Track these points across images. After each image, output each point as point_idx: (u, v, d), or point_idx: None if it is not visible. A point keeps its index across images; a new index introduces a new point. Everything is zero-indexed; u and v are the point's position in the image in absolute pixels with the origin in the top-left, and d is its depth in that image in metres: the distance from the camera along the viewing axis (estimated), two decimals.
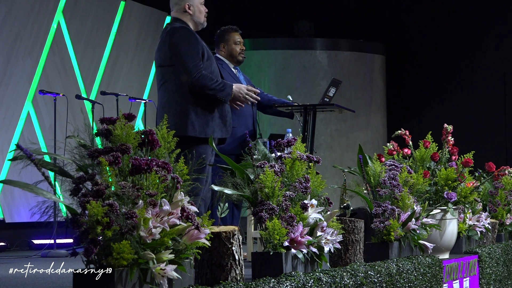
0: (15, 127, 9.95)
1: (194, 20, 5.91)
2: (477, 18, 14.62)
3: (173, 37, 5.78)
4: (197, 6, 5.91)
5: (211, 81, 5.76)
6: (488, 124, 14.45)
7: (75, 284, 3.13)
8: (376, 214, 5.27)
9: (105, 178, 3.25)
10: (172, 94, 5.78)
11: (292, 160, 4.35)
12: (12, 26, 9.97)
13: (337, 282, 4.21)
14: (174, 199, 3.42)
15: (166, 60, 5.80)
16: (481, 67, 14.56)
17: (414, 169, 6.22)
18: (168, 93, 5.79)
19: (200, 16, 5.92)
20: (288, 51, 13.63)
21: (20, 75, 10.05)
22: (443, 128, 6.65)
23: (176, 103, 5.75)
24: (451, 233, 6.15)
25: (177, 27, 5.83)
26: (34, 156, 3.28)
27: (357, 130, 13.85)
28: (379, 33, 14.76)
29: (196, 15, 5.90)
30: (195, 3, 5.90)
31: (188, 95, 5.76)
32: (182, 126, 5.69)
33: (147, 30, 12.47)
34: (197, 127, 5.73)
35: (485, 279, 6.66)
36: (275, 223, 4.03)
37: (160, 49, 5.86)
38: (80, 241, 3.12)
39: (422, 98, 14.83)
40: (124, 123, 3.42)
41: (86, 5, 11.20)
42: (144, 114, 10.36)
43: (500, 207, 7.55)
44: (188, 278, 3.48)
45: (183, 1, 5.89)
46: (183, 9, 5.90)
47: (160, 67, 5.87)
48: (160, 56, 5.85)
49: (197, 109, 5.75)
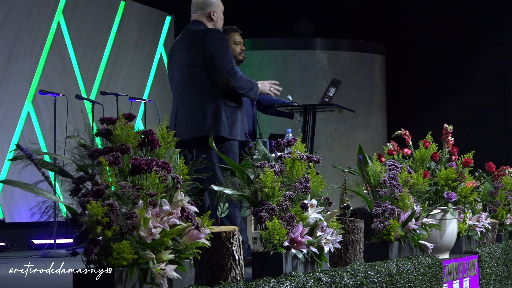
0: (15, 127, 9.95)
1: (216, 26, 6.09)
2: (477, 18, 14.62)
3: (209, 39, 5.93)
4: (219, 14, 6.13)
5: (245, 81, 5.98)
6: (488, 124, 14.45)
7: (75, 284, 3.13)
8: (376, 214, 5.27)
9: (105, 178, 3.25)
10: (203, 94, 5.91)
11: (292, 160, 4.35)
12: (12, 26, 9.96)
13: (337, 282, 4.21)
14: (174, 199, 3.42)
15: (198, 61, 5.92)
16: (481, 67, 14.56)
17: (414, 169, 6.22)
18: (198, 93, 5.92)
19: (221, 24, 6.16)
20: (288, 51, 13.63)
21: (20, 75, 10.05)
22: (443, 128, 6.65)
23: (207, 103, 5.90)
24: (451, 233, 6.15)
25: (211, 30, 6.02)
26: (34, 156, 3.28)
27: (357, 130, 13.84)
28: (379, 33, 14.76)
29: (218, 22, 6.11)
30: (219, 11, 6.13)
31: (219, 96, 5.92)
32: (215, 126, 5.86)
33: (147, 30, 12.47)
34: (227, 128, 5.90)
35: (485, 279, 6.66)
36: (275, 223, 4.03)
37: (190, 49, 5.96)
38: (80, 241, 3.12)
39: (422, 98, 14.83)
40: (124, 123, 3.42)
41: (86, 5, 11.19)
42: (144, 114, 10.35)
43: (500, 207, 7.55)
44: (188, 278, 3.48)
45: (208, 7, 6.08)
46: (208, 14, 6.08)
47: (189, 67, 5.96)
48: (190, 56, 5.96)
49: (227, 110, 5.92)
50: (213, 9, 6.06)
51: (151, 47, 12.55)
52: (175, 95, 6.08)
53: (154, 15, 12.63)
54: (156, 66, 12.58)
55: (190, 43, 6.00)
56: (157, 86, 12.49)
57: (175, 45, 6.14)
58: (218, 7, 6.10)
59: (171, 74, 6.13)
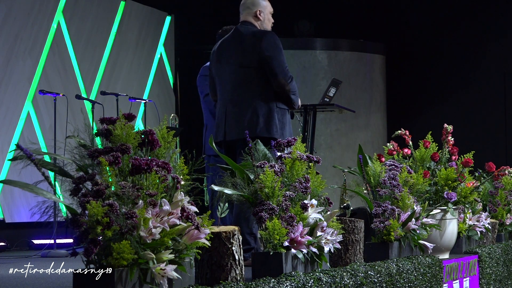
0: (15, 127, 9.95)
1: (263, 26, 6.07)
2: (477, 18, 14.61)
3: (265, 42, 5.94)
4: (267, 14, 6.12)
5: (296, 87, 6.00)
6: (488, 124, 14.45)
7: (75, 284, 3.13)
8: (376, 214, 5.27)
9: (105, 178, 3.25)
10: (257, 95, 5.92)
11: (292, 160, 4.35)
12: (12, 26, 9.97)
13: (337, 282, 4.21)
14: (174, 199, 3.42)
15: (253, 62, 5.93)
16: (481, 67, 14.56)
17: (414, 169, 6.22)
18: (252, 93, 5.92)
19: (268, 24, 6.12)
20: (288, 51, 13.61)
21: (20, 75, 10.05)
22: (443, 128, 6.65)
23: (260, 104, 5.90)
24: (451, 233, 6.15)
25: (267, 32, 6.03)
26: (34, 156, 3.28)
27: (357, 130, 13.84)
28: (379, 33, 14.75)
29: (265, 23, 6.09)
30: (266, 11, 6.11)
31: (271, 98, 5.93)
32: (267, 127, 5.86)
33: (147, 30, 12.47)
34: (279, 130, 5.90)
35: (485, 279, 6.66)
36: (275, 223, 4.03)
37: (244, 50, 5.96)
38: (80, 241, 3.12)
39: (422, 98, 14.82)
40: (124, 123, 3.42)
41: (86, 5, 11.20)
42: (144, 114, 10.35)
43: (500, 207, 7.55)
44: (188, 278, 3.48)
45: (255, 7, 6.07)
46: (254, 14, 6.07)
47: (242, 68, 5.96)
48: (244, 57, 5.95)
49: (278, 113, 5.94)
50: (259, 9, 6.05)
51: (151, 47, 12.55)
52: (223, 94, 6.02)
53: (154, 15, 12.63)
54: (156, 66, 12.58)
55: (244, 44, 5.99)
56: (157, 86, 12.49)
57: (224, 44, 6.10)
58: (265, 8, 6.08)
59: (219, 72, 6.07)
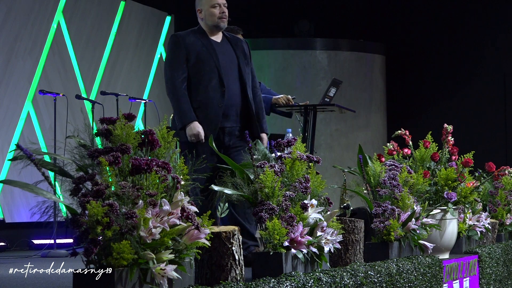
0: (15, 127, 9.95)
1: (207, 24, 5.91)
2: (477, 18, 14.61)
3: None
4: (207, 10, 5.90)
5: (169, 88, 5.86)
6: (488, 124, 14.45)
7: (75, 284, 3.13)
8: (376, 214, 5.27)
9: (105, 178, 3.25)
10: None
11: (292, 160, 4.35)
12: (12, 26, 9.97)
13: (337, 282, 4.21)
14: (174, 199, 3.42)
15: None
16: (481, 67, 14.56)
17: (414, 169, 6.22)
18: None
19: (212, 18, 5.89)
20: (288, 51, 13.63)
21: (20, 75, 10.05)
22: (443, 128, 6.65)
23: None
24: (451, 233, 6.15)
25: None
26: (34, 156, 3.28)
27: (357, 130, 13.84)
28: (379, 33, 14.76)
29: (207, 19, 5.90)
30: (205, 8, 5.91)
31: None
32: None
33: (147, 30, 12.47)
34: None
35: (485, 279, 6.66)
36: (275, 223, 4.03)
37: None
38: (80, 241, 3.12)
39: (422, 98, 14.82)
40: (124, 123, 3.42)
41: (86, 5, 11.19)
42: (144, 114, 10.35)
43: (500, 207, 7.55)
44: (188, 278, 3.48)
45: (196, 7, 5.96)
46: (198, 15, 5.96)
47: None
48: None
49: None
50: (197, 8, 5.91)
51: (151, 47, 12.55)
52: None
53: (154, 15, 12.63)
54: (156, 66, 12.58)
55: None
56: (157, 86, 12.48)
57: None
58: (203, 5, 5.90)
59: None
